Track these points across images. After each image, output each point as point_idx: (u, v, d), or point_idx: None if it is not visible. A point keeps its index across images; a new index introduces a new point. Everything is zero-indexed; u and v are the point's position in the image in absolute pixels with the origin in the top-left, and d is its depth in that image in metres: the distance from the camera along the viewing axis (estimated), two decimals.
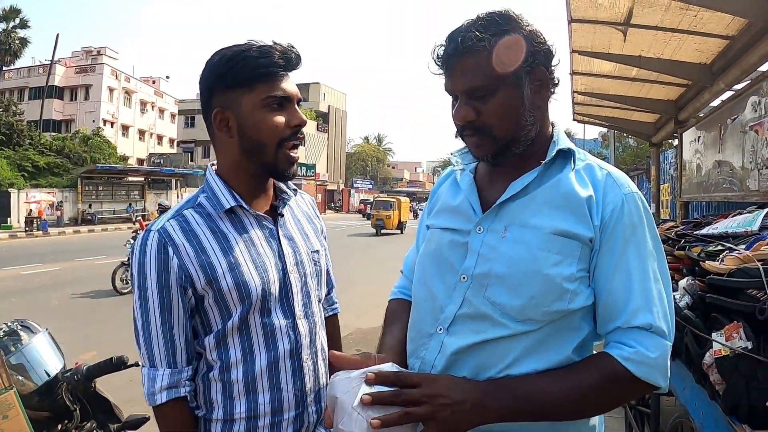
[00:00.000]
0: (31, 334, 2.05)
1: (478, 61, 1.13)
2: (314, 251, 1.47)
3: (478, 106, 1.16)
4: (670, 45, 6.41)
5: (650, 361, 1.08)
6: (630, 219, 1.14)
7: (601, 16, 6.02)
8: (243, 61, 1.26)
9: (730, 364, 1.58)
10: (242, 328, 1.31)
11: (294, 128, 1.32)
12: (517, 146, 1.20)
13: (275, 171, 1.35)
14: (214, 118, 1.32)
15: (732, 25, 5.56)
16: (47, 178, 31.46)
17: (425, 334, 1.22)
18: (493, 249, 1.17)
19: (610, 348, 1.12)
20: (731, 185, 6.37)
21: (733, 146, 6.32)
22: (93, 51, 51.98)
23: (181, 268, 1.26)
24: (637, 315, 1.10)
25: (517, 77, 1.15)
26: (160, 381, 1.26)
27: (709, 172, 7.38)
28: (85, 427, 2.03)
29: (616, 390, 1.11)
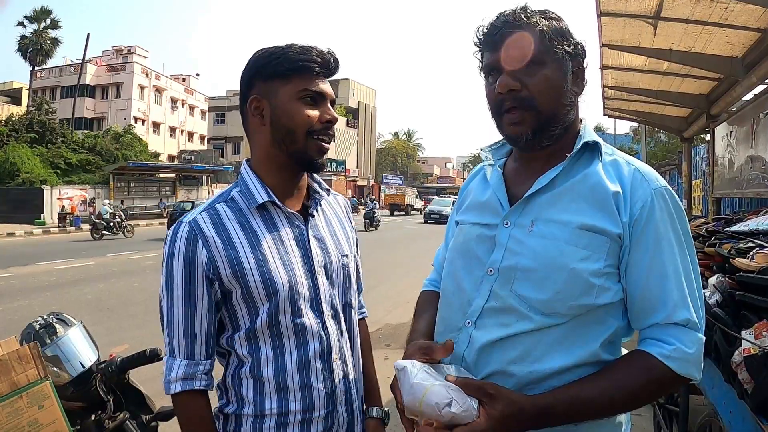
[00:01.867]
0: (66, 326, 2.12)
1: (530, 35, 1.16)
2: (344, 255, 1.46)
3: (524, 79, 1.16)
4: (701, 38, 6.29)
5: (689, 356, 1.09)
6: (661, 215, 1.14)
7: (631, 9, 5.93)
8: (284, 55, 1.32)
9: (759, 363, 1.55)
10: (273, 326, 1.32)
11: (325, 123, 1.35)
12: (555, 126, 1.20)
13: (305, 159, 1.36)
14: (249, 104, 1.36)
15: (764, 17, 5.43)
16: (79, 175, 32.21)
17: (454, 328, 1.24)
18: (519, 243, 1.18)
19: (648, 345, 1.12)
20: (764, 181, 6.23)
21: (765, 141, 6.18)
22: (123, 50, 52.86)
23: (210, 261, 1.29)
24: (675, 312, 1.11)
25: (562, 58, 1.18)
26: (176, 371, 1.29)
27: (741, 167, 7.22)
28: (118, 418, 2.09)
29: (657, 387, 1.13)
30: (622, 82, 9.16)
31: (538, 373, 1.13)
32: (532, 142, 1.20)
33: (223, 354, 1.40)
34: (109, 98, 49.26)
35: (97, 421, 2.05)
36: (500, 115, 1.22)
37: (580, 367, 1.13)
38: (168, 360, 1.31)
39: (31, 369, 1.73)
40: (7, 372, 1.68)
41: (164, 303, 1.31)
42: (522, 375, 1.13)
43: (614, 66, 8.11)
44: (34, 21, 42.71)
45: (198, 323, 1.29)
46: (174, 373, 1.29)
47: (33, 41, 42.46)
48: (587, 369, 1.13)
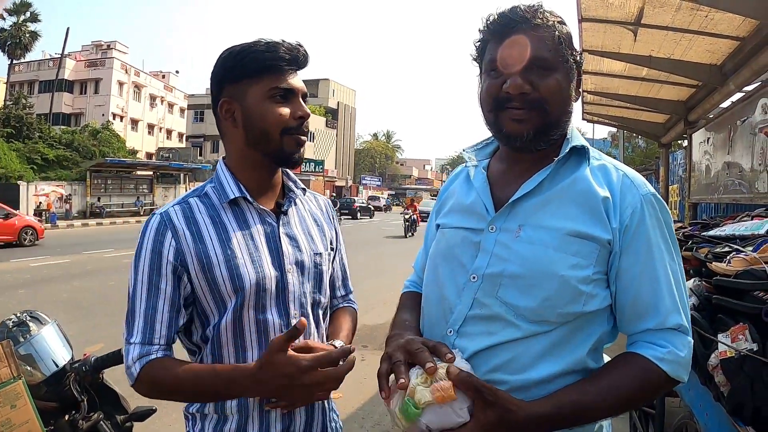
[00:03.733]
0: (40, 325, 2.08)
1: (547, 35, 1.14)
2: (317, 253, 1.45)
3: (536, 81, 1.14)
4: (680, 45, 6.38)
5: (680, 359, 1.10)
6: (651, 221, 1.14)
7: (612, 15, 6.00)
8: (251, 54, 1.30)
9: (735, 366, 1.58)
10: (236, 323, 1.30)
11: (298, 119, 1.34)
12: (555, 131, 1.19)
13: (282, 156, 1.35)
14: (220, 108, 1.35)
15: (743, 26, 5.53)
16: (56, 171, 31.66)
17: (438, 336, 1.19)
18: (507, 248, 1.16)
19: (641, 348, 1.12)
20: (740, 187, 6.34)
21: (742, 148, 6.29)
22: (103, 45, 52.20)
23: (178, 252, 1.28)
24: (668, 318, 1.11)
25: (570, 66, 1.17)
26: (132, 353, 1.25)
27: (718, 173, 7.35)
28: (92, 418, 2.04)
29: (651, 389, 1.12)
30: (602, 88, 9.28)
31: (524, 381, 1.11)
32: (530, 142, 1.17)
33: (193, 351, 1.38)
34: (87, 94, 48.61)
35: (71, 422, 2.00)
36: (500, 111, 1.18)
37: (567, 374, 1.12)
38: (125, 347, 1.28)
39: (4, 368, 1.70)
40: None
41: (129, 290, 1.30)
42: (508, 384, 1.10)
43: (594, 71, 8.20)
44: (13, 14, 41.93)
45: (159, 312, 1.27)
46: (130, 356, 1.26)
47: (12, 34, 41.69)
48: (575, 376, 1.12)
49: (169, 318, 1.28)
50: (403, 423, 1.00)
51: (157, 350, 1.26)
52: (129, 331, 1.27)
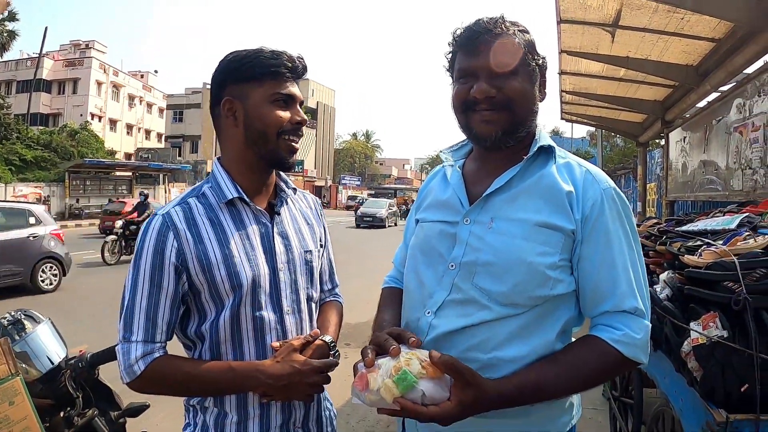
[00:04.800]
0: (34, 323, 2.11)
1: (509, 44, 1.24)
2: (307, 251, 1.51)
3: (500, 84, 1.24)
4: (657, 46, 6.52)
5: (636, 341, 1.19)
6: (611, 212, 1.24)
7: (590, 17, 6.11)
8: (257, 59, 1.38)
9: (707, 352, 1.67)
10: (233, 320, 1.36)
11: (295, 124, 1.42)
12: (522, 129, 1.29)
13: (276, 159, 1.42)
14: (222, 106, 1.40)
15: (719, 28, 5.66)
16: (34, 172, 31.17)
17: (415, 318, 1.31)
18: (480, 239, 1.26)
19: (600, 331, 1.21)
20: (716, 185, 6.50)
21: (717, 147, 6.44)
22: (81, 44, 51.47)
23: (179, 253, 1.33)
24: (623, 301, 1.21)
25: (533, 70, 1.28)
26: (134, 352, 1.29)
27: (694, 171, 7.51)
28: (87, 415, 2.07)
29: (608, 370, 1.21)
30: (580, 88, 9.41)
31: (496, 359, 1.21)
32: (499, 141, 1.28)
33: (189, 346, 1.43)
34: (65, 94, 47.87)
35: (66, 418, 2.04)
36: (470, 113, 1.29)
37: (537, 359, 1.21)
38: (123, 346, 1.31)
39: (2, 365, 1.73)
40: None
41: (128, 289, 1.33)
42: (481, 361, 1.20)
43: (572, 72, 8.33)
44: None
45: (160, 310, 1.32)
46: (133, 355, 1.29)
47: None
48: None
49: (170, 316, 1.33)
50: (395, 392, 1.07)
51: (159, 348, 1.32)
52: (128, 329, 1.31)
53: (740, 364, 1.63)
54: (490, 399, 1.12)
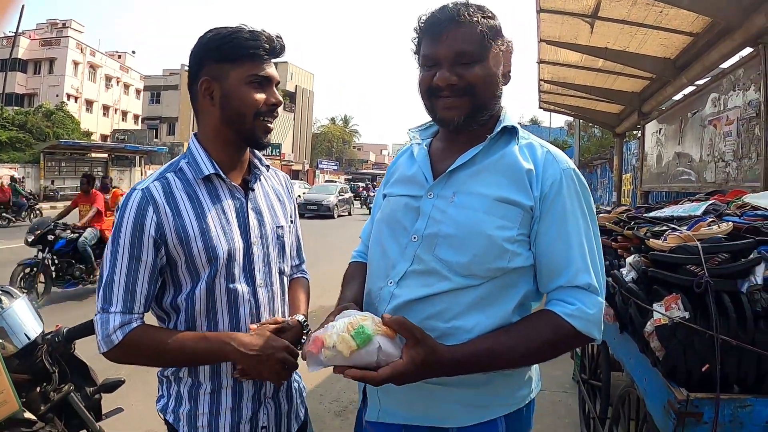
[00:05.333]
0: (11, 298, 2.11)
1: (470, 31, 1.27)
2: (279, 226, 1.55)
3: (462, 72, 1.28)
4: (635, 38, 6.60)
5: (589, 316, 1.23)
6: (569, 192, 1.29)
7: (570, 7, 6.16)
8: (235, 39, 1.38)
9: (669, 332, 1.73)
10: (208, 292, 1.40)
11: (271, 106, 1.44)
12: (484, 113, 1.33)
13: (252, 138, 1.45)
14: (200, 85, 1.42)
15: (696, 22, 5.75)
16: (9, 153, 30.52)
17: (378, 288, 1.36)
18: (442, 212, 1.31)
19: (554, 305, 1.26)
20: (689, 176, 6.64)
21: (692, 139, 6.58)
22: (58, 24, 50.22)
23: (158, 226, 1.35)
24: (577, 276, 1.25)
25: (497, 55, 1.31)
26: (113, 322, 1.32)
27: (668, 163, 7.66)
28: (63, 390, 2.09)
29: (560, 342, 1.25)
30: (558, 77, 9.49)
31: (454, 328, 1.26)
32: (462, 125, 1.32)
33: (162, 318, 1.46)
34: (41, 74, 46.78)
35: (43, 393, 2.05)
36: (434, 99, 1.33)
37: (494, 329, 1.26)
38: (101, 317, 1.33)
39: None
40: None
41: (107, 262, 1.35)
42: (440, 330, 1.25)
43: (551, 61, 8.40)
44: None
45: (139, 283, 1.34)
46: (111, 325, 1.32)
47: None
48: None
49: (148, 289, 1.36)
50: (352, 345, 1.12)
51: (137, 318, 1.35)
52: (107, 300, 1.33)
53: (701, 345, 1.69)
54: (443, 361, 1.17)
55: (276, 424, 1.52)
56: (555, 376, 4.89)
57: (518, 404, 1.33)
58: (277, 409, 1.52)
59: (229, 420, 1.43)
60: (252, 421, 1.46)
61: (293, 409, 1.58)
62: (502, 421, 1.30)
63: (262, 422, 1.47)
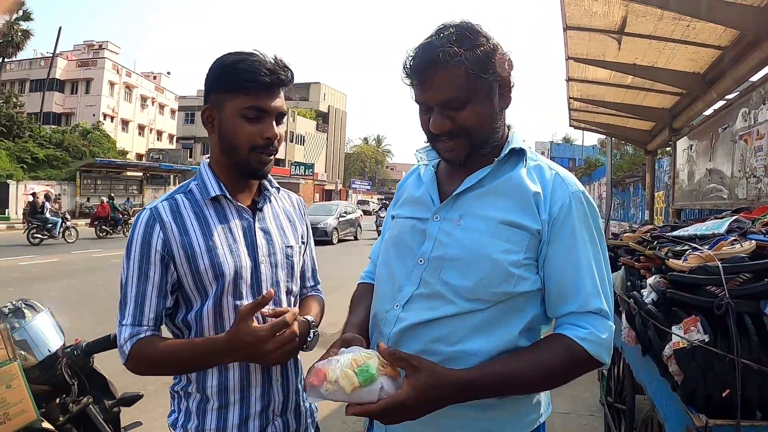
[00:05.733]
0: (34, 312, 2.17)
1: (454, 74, 1.22)
2: (288, 246, 1.57)
3: (454, 116, 1.25)
4: (664, 54, 6.52)
5: (601, 340, 1.21)
6: (578, 215, 1.27)
7: (596, 24, 6.12)
8: (234, 70, 1.39)
9: (688, 356, 1.67)
10: (216, 309, 1.42)
11: (266, 140, 1.43)
12: (486, 147, 1.31)
13: (248, 170, 1.47)
14: (203, 113, 1.47)
15: (724, 35, 5.66)
16: (46, 170, 31.57)
17: (384, 311, 1.35)
18: (448, 235, 1.29)
19: (566, 329, 1.23)
20: (721, 193, 6.49)
21: (723, 155, 6.43)
22: (95, 45, 52.06)
23: (165, 243, 1.39)
24: (589, 301, 1.23)
25: (490, 87, 1.26)
26: (123, 334, 1.38)
27: (700, 180, 7.48)
28: (82, 402, 2.14)
29: (573, 367, 1.22)
30: (588, 95, 9.40)
31: (459, 352, 1.24)
32: (466, 161, 1.31)
33: (177, 335, 1.49)
34: (78, 94, 48.40)
35: (62, 404, 2.10)
36: (434, 142, 1.33)
37: (501, 353, 1.24)
38: (118, 329, 1.40)
39: (1, 350, 1.80)
40: None
41: (122, 277, 1.42)
42: (445, 354, 1.23)
43: (580, 78, 8.32)
44: None
45: (148, 298, 1.39)
46: (122, 336, 1.38)
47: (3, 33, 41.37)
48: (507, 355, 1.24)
49: (157, 303, 1.39)
50: (354, 382, 1.10)
51: (146, 330, 1.38)
52: (121, 314, 1.39)
53: (721, 369, 1.63)
54: (447, 384, 1.13)
55: None
56: (584, 398, 4.78)
57: (527, 428, 1.30)
58: (285, 427, 1.53)
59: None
60: None
61: (302, 428, 1.58)
62: None
63: None
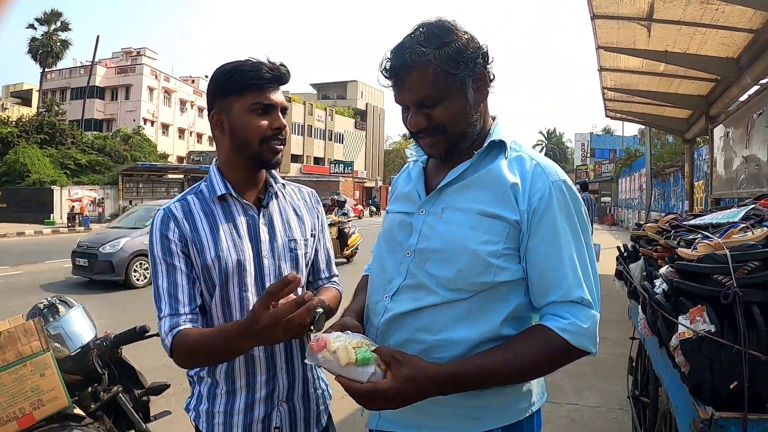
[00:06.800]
0: (68, 307, 2.35)
1: (425, 74, 1.27)
2: (292, 240, 1.65)
3: (429, 113, 1.31)
4: (695, 39, 6.36)
5: (583, 330, 1.23)
6: (559, 205, 1.28)
7: (623, 11, 6.03)
8: (237, 73, 1.51)
9: (694, 347, 1.64)
10: (223, 299, 1.53)
11: (275, 130, 1.55)
12: (465, 141, 1.36)
13: (260, 161, 1.58)
14: (211, 118, 1.58)
15: (755, 18, 5.49)
16: (89, 175, 32.58)
17: (375, 302, 1.43)
18: (431, 228, 1.35)
19: (547, 320, 1.26)
20: (757, 181, 6.31)
21: (759, 141, 6.24)
22: (133, 52, 53.23)
23: (181, 236, 1.52)
24: (570, 291, 1.25)
25: (462, 83, 1.29)
26: (164, 327, 1.46)
27: (737, 168, 7.28)
28: (112, 391, 2.29)
29: (555, 357, 1.25)
30: (621, 84, 9.23)
31: (441, 341, 1.28)
32: (447, 155, 1.36)
33: None
34: (118, 100, 49.70)
35: (93, 393, 2.25)
36: (416, 138, 1.40)
37: (484, 342, 1.28)
38: (159, 324, 1.49)
39: (35, 341, 1.95)
40: (14, 343, 1.91)
41: (152, 275, 1.53)
42: (428, 342, 1.28)
43: (612, 68, 8.20)
44: (44, 23, 43.19)
45: (179, 285, 1.49)
46: (163, 330, 1.46)
47: (43, 43, 42.92)
48: (491, 344, 1.27)
49: (189, 288, 1.50)
50: (351, 357, 1.17)
51: (184, 320, 1.47)
52: (158, 308, 1.49)
53: (728, 360, 1.59)
54: (431, 377, 1.17)
55: (291, 426, 1.61)
56: (615, 392, 4.74)
57: (517, 416, 1.33)
58: (291, 413, 1.61)
59: (242, 419, 1.55)
60: (264, 421, 1.57)
61: (312, 414, 1.66)
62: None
63: (275, 423, 1.58)
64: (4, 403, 1.84)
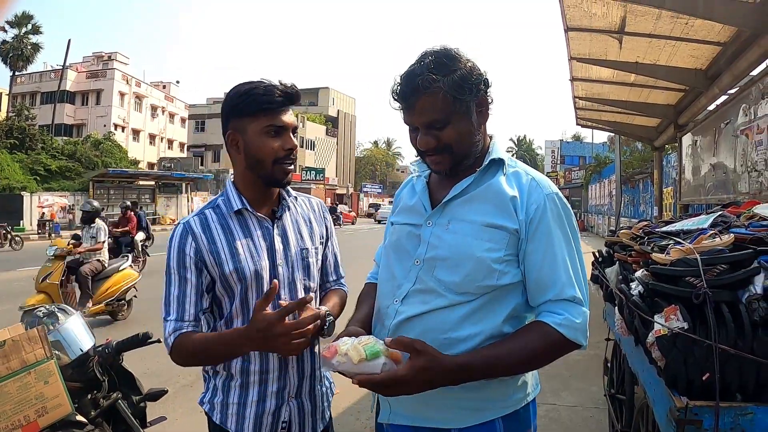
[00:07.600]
0: (66, 315, 2.37)
1: (435, 99, 1.40)
2: (304, 248, 1.77)
3: (437, 134, 1.44)
4: (665, 51, 6.60)
5: (576, 325, 1.38)
6: (552, 214, 1.44)
7: (596, 24, 6.23)
8: (251, 96, 1.61)
9: (669, 342, 1.79)
10: (243, 306, 1.65)
11: (287, 151, 1.66)
12: (468, 159, 1.49)
13: (273, 181, 1.69)
14: (227, 138, 1.68)
15: (723, 32, 5.74)
16: (59, 181, 32.03)
17: (385, 306, 1.53)
18: (438, 238, 1.48)
19: (544, 316, 1.40)
20: (724, 188, 6.56)
21: (726, 150, 6.50)
22: (104, 56, 52.55)
23: (197, 251, 1.63)
24: (564, 290, 1.40)
25: (467, 107, 1.44)
26: (168, 328, 1.60)
27: (705, 175, 7.55)
28: (112, 397, 2.33)
29: (552, 349, 1.39)
30: (593, 93, 9.48)
31: (450, 339, 1.41)
32: (452, 172, 1.50)
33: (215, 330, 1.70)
34: (89, 105, 49.01)
35: (93, 400, 2.28)
36: (423, 157, 1.53)
37: (487, 339, 1.41)
38: (163, 324, 1.61)
39: (39, 349, 1.98)
40: (18, 351, 1.93)
41: (165, 281, 1.64)
42: (438, 341, 1.39)
43: (583, 78, 8.42)
44: (15, 26, 42.47)
45: (188, 296, 1.62)
46: (167, 330, 1.60)
47: (14, 46, 42.20)
48: (493, 341, 1.41)
49: (196, 300, 1.63)
50: (362, 354, 1.28)
51: (187, 325, 1.61)
52: (166, 311, 1.62)
53: (701, 354, 1.74)
54: (444, 368, 1.30)
55: (300, 421, 1.72)
56: (591, 391, 4.90)
57: (514, 406, 1.46)
58: (300, 408, 1.72)
59: (254, 411, 1.66)
60: (274, 414, 1.67)
61: (318, 410, 1.78)
62: (500, 422, 1.44)
63: (284, 417, 1.68)
64: (9, 411, 1.86)
